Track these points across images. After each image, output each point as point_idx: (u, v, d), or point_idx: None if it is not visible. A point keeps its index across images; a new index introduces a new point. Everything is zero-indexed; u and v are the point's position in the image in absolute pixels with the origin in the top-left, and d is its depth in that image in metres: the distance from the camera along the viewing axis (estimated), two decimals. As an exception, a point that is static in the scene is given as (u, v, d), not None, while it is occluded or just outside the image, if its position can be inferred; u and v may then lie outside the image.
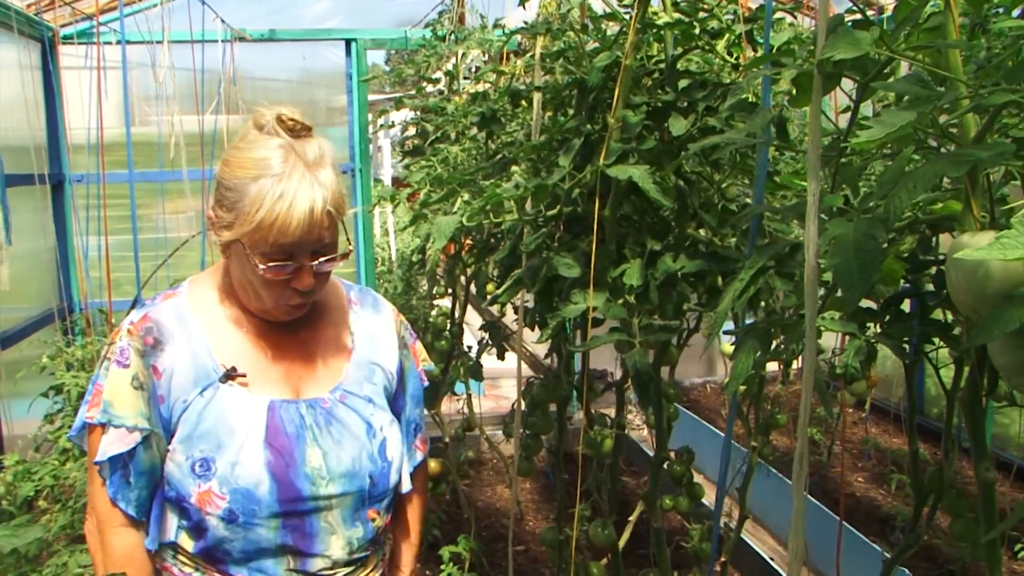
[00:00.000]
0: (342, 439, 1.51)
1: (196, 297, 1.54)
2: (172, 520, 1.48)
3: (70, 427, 3.54)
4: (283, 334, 1.55)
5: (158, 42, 4.42)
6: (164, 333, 1.47)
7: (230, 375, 1.48)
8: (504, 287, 1.89)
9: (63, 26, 4.90)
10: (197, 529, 1.45)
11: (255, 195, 1.38)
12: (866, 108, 1.27)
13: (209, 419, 1.45)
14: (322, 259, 1.45)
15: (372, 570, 1.60)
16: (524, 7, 1.90)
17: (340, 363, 1.59)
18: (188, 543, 1.47)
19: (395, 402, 1.68)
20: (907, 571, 3.12)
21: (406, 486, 1.66)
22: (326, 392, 1.55)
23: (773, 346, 1.30)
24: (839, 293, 1.26)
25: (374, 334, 1.66)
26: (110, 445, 1.42)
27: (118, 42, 4.69)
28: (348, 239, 1.50)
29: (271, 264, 1.41)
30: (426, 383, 1.78)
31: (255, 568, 1.47)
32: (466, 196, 2.00)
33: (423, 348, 1.80)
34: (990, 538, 1.18)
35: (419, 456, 1.74)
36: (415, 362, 1.75)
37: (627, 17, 1.81)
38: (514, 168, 2.03)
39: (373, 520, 1.55)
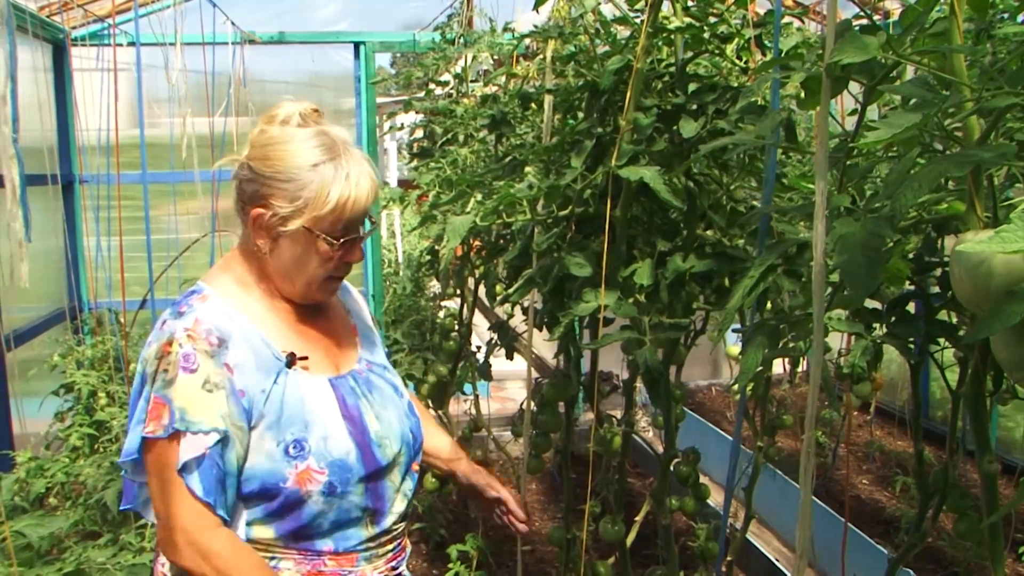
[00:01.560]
0: (385, 403, 1.66)
1: (227, 294, 1.58)
2: (242, 516, 1.52)
3: (81, 424, 3.60)
4: (308, 319, 1.65)
5: (170, 44, 4.46)
6: (223, 331, 1.50)
7: (293, 360, 1.56)
8: (516, 286, 1.92)
9: (75, 28, 4.94)
10: (289, 511, 1.51)
11: (322, 180, 1.49)
12: (872, 112, 1.30)
13: (291, 403, 1.52)
14: (365, 229, 1.60)
15: (407, 525, 1.74)
16: (538, 11, 1.93)
17: (353, 339, 1.74)
18: (266, 532, 1.52)
19: None
20: (911, 572, 3.14)
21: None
22: (356, 364, 1.68)
23: (781, 344, 1.33)
24: (846, 291, 1.29)
25: (358, 310, 1.82)
26: (186, 451, 1.44)
27: (130, 44, 4.74)
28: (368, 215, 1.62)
29: (343, 240, 1.54)
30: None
31: (340, 537, 1.56)
32: (479, 196, 2.04)
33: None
34: (991, 521, 1.21)
35: None
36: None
37: (638, 21, 1.84)
38: (527, 169, 2.06)
39: (416, 471, 1.71)
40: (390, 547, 1.65)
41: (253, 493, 1.50)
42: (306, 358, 1.58)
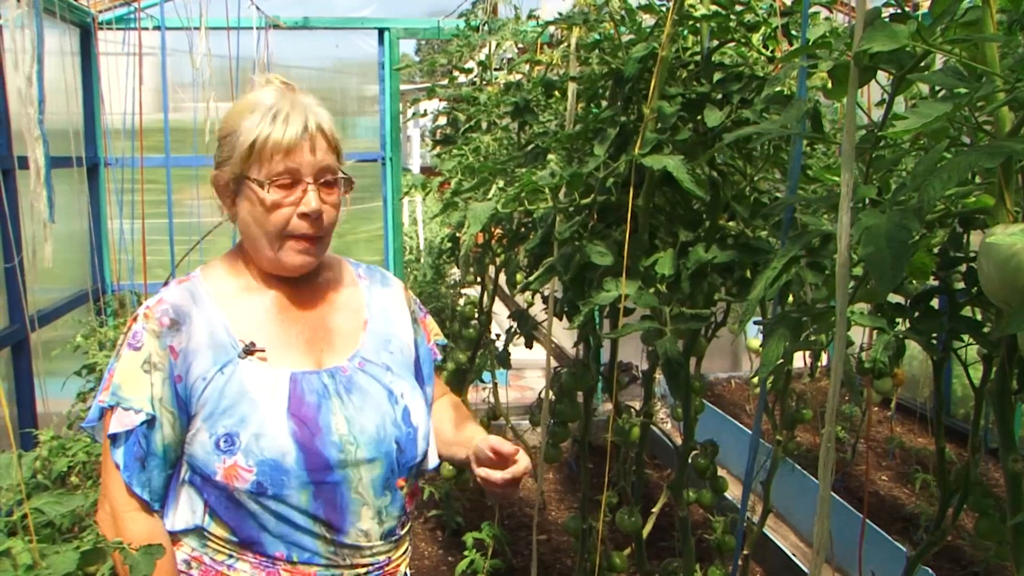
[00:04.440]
0: (364, 406, 1.53)
1: (210, 278, 1.57)
2: (198, 506, 1.48)
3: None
4: (300, 308, 1.58)
5: (195, 28, 4.48)
6: (180, 314, 1.49)
7: (249, 350, 1.49)
8: (537, 274, 1.91)
9: (102, 12, 4.97)
10: (227, 509, 1.46)
11: (249, 124, 1.46)
12: (898, 106, 1.28)
13: (230, 395, 1.46)
14: (325, 179, 1.51)
15: (403, 555, 1.61)
16: (563, -3, 1.92)
17: (356, 333, 1.62)
18: (219, 528, 1.48)
19: (416, 376, 1.69)
20: (930, 571, 3.12)
21: (432, 461, 1.67)
22: (344, 360, 1.57)
23: (803, 337, 1.32)
24: (870, 285, 1.27)
25: (386, 307, 1.69)
26: (115, 424, 1.45)
27: (156, 28, 4.76)
28: (344, 173, 1.56)
29: (276, 182, 1.46)
30: (438, 357, 1.80)
31: (292, 544, 1.47)
32: (500, 184, 2.03)
33: (435, 323, 1.83)
34: (1016, 521, 1.19)
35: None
36: (426, 336, 1.77)
37: (664, 9, 1.82)
38: (550, 157, 2.05)
39: (402, 489, 1.56)
40: (362, 571, 1.52)
41: (195, 484, 1.48)
42: (263, 349, 1.50)
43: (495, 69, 3.51)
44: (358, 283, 1.70)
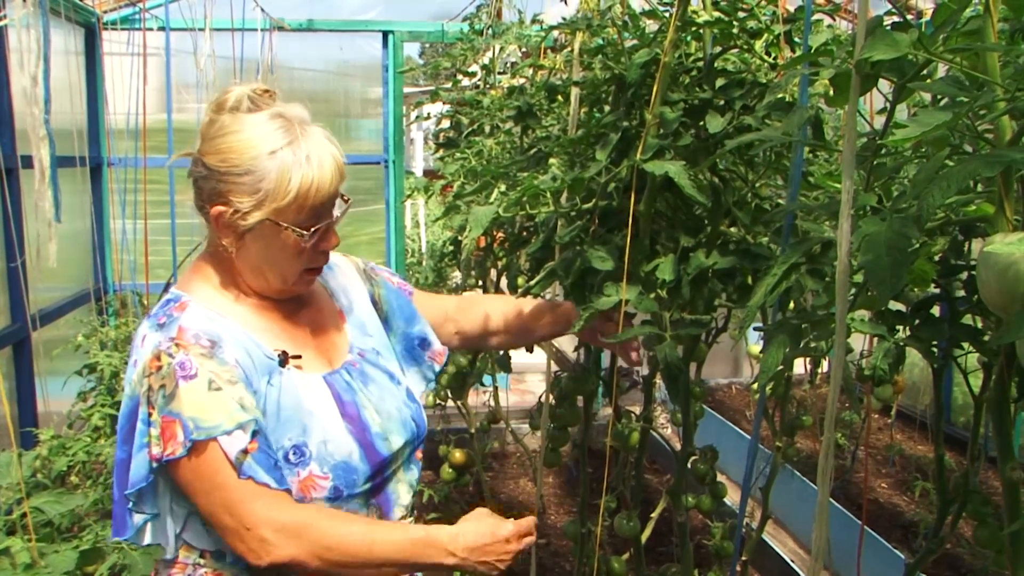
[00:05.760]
0: (384, 394, 1.57)
1: (206, 299, 1.48)
2: None
3: (103, 405, 3.63)
4: (293, 314, 1.55)
5: (200, 29, 4.49)
6: (212, 334, 1.41)
7: (285, 359, 1.47)
8: (538, 279, 1.91)
9: (107, 12, 4.98)
10: None
11: (281, 168, 1.38)
12: (900, 113, 1.28)
13: (287, 406, 1.43)
14: (338, 212, 1.48)
15: (414, 516, 1.67)
16: (567, 3, 1.92)
17: (342, 326, 1.63)
18: None
19: (388, 330, 1.71)
20: (929, 578, 3.11)
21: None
22: (348, 355, 1.59)
23: (803, 343, 1.32)
24: (870, 292, 1.28)
25: (344, 286, 1.69)
26: (217, 455, 1.35)
27: (160, 29, 4.77)
28: (341, 194, 1.52)
29: (313, 229, 1.42)
30: (410, 290, 1.80)
31: None
32: (503, 187, 2.03)
33: (388, 270, 1.82)
34: (1013, 529, 1.19)
35: (438, 367, 1.78)
36: (388, 282, 1.77)
37: (667, 15, 1.83)
38: (552, 161, 2.05)
39: (419, 459, 1.64)
40: None
41: None
42: (299, 356, 1.49)
43: (498, 73, 3.52)
44: None
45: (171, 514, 1.45)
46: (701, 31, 1.84)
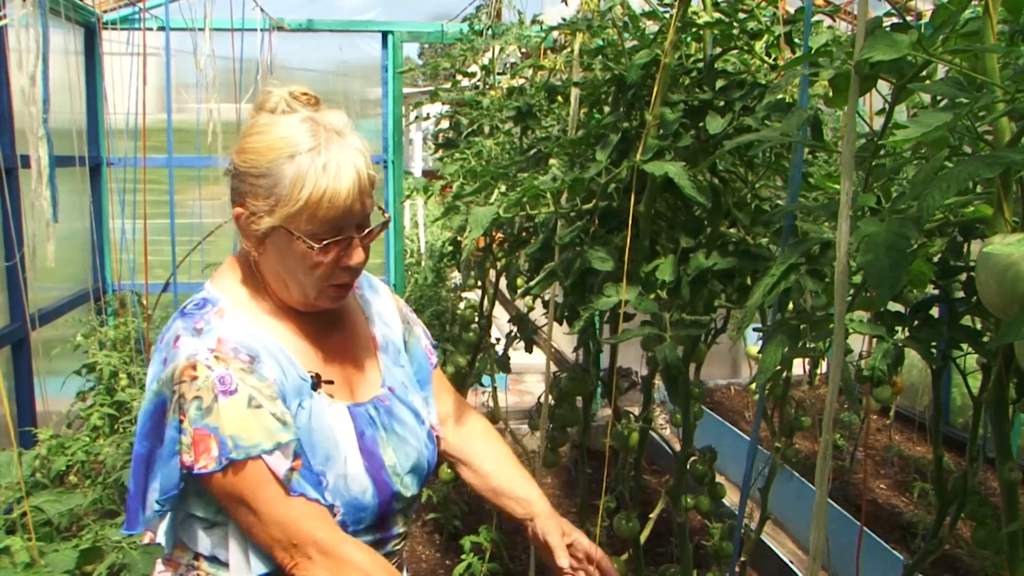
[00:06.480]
0: (405, 435, 1.51)
1: (242, 306, 1.44)
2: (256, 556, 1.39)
3: (102, 405, 3.64)
4: (326, 335, 1.50)
5: (199, 29, 4.49)
6: (250, 348, 1.36)
7: (318, 383, 1.42)
8: (538, 279, 1.92)
9: (106, 12, 4.98)
10: None
11: (295, 174, 1.31)
12: (899, 115, 1.29)
13: (317, 431, 1.39)
14: (368, 229, 1.40)
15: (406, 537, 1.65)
16: (567, 3, 1.92)
17: (375, 356, 1.57)
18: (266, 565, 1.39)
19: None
20: (927, 579, 3.12)
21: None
22: (379, 390, 1.53)
23: (801, 344, 1.32)
24: (869, 293, 1.28)
25: (380, 312, 1.64)
26: (276, 466, 1.33)
27: (160, 28, 4.77)
28: (380, 207, 1.46)
29: (325, 242, 1.35)
30: (434, 363, 1.74)
31: None
32: (502, 188, 2.03)
33: (423, 326, 1.77)
34: (1011, 529, 1.19)
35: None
36: (419, 340, 1.71)
37: (667, 16, 1.83)
38: (552, 162, 2.05)
39: (421, 494, 1.62)
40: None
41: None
42: (331, 382, 1.44)
43: (498, 73, 3.52)
44: (355, 295, 1.62)
45: (172, 513, 1.44)
46: (701, 32, 1.84)
